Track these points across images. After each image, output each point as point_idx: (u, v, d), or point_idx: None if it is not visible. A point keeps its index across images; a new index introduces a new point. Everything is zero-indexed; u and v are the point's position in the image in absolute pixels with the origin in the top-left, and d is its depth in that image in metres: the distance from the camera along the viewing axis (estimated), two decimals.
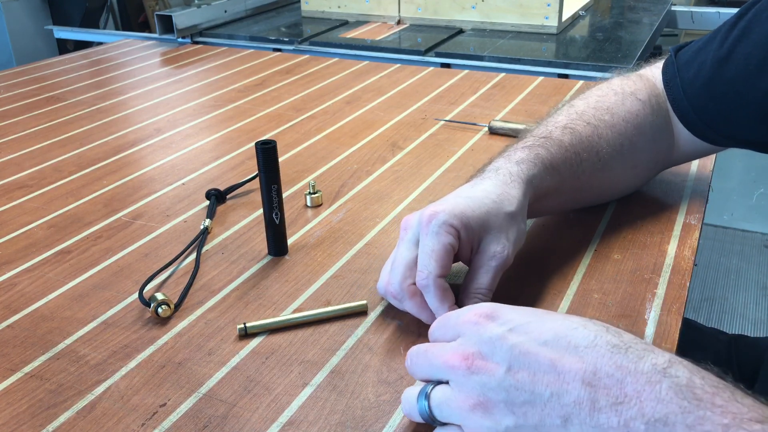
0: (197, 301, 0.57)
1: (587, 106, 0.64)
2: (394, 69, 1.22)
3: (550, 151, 0.59)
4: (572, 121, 0.62)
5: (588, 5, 1.69)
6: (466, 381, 0.38)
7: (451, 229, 0.50)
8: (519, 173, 0.55)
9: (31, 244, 0.67)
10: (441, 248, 0.50)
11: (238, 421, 0.45)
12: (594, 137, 0.62)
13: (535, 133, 0.61)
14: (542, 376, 0.36)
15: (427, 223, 0.50)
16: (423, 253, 0.50)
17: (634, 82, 0.67)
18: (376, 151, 0.86)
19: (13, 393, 0.48)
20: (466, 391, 0.38)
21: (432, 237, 0.50)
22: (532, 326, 0.38)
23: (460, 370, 0.38)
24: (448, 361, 0.39)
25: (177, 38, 1.48)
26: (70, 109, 1.05)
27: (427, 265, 0.49)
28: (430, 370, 0.41)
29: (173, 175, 0.81)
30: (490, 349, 0.38)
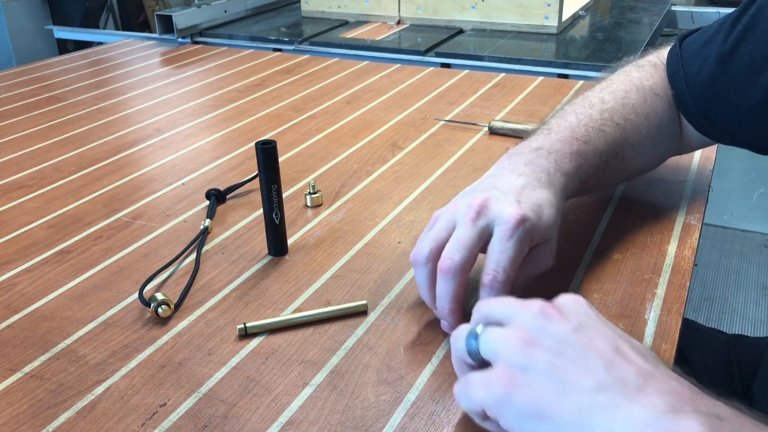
0: (197, 301, 0.57)
1: (616, 103, 0.63)
2: (394, 69, 1.22)
3: (588, 162, 0.58)
4: (605, 121, 0.61)
5: (588, 5, 1.69)
6: (532, 320, 0.38)
7: (531, 241, 0.50)
8: (564, 186, 0.56)
9: (31, 244, 0.67)
10: (520, 256, 0.49)
11: (238, 421, 0.45)
12: (621, 139, 0.62)
13: (577, 134, 0.59)
14: (601, 351, 0.36)
15: (515, 228, 0.48)
16: (503, 255, 0.48)
17: (651, 74, 0.67)
18: (376, 151, 0.86)
19: (13, 393, 0.48)
20: (526, 327, 0.38)
21: (515, 243, 0.48)
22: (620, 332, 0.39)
23: (535, 309, 0.38)
24: (528, 304, 0.39)
25: (177, 38, 1.48)
26: (70, 109, 1.05)
27: (507, 270, 0.48)
28: (500, 308, 0.41)
29: (173, 175, 0.81)
30: (570, 310, 0.39)
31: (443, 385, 0.47)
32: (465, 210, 0.50)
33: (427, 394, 0.46)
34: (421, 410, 0.45)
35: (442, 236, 0.51)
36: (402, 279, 0.59)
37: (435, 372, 0.48)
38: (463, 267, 0.49)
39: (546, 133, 0.59)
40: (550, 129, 0.60)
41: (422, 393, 0.46)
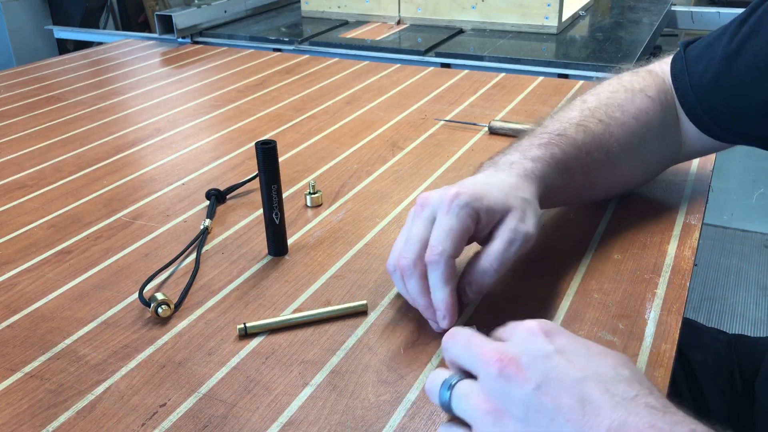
0: (197, 301, 0.57)
1: (599, 102, 0.64)
2: (394, 69, 1.22)
3: (564, 151, 0.59)
4: (585, 118, 0.62)
5: (588, 5, 1.69)
6: (492, 383, 0.37)
7: (472, 212, 0.50)
8: (534, 170, 0.56)
9: (31, 244, 0.67)
10: (459, 228, 0.49)
11: (238, 421, 0.45)
12: (605, 135, 0.62)
13: (550, 129, 0.61)
14: (567, 410, 0.34)
15: (449, 203, 0.50)
16: (440, 230, 0.49)
17: (644, 78, 0.67)
18: (376, 151, 0.86)
19: (13, 393, 0.48)
20: (488, 393, 0.37)
21: (452, 216, 0.50)
22: (580, 358, 0.37)
23: (492, 369, 0.37)
24: (484, 355, 0.38)
25: (177, 38, 1.48)
26: (70, 109, 1.05)
27: (443, 242, 0.49)
28: (463, 355, 0.40)
29: (173, 175, 0.81)
30: (528, 361, 0.36)
31: None
32: (412, 210, 0.53)
33: None
34: (421, 410, 0.45)
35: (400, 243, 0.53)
36: None
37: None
38: (417, 260, 0.50)
39: (525, 136, 0.62)
40: (530, 131, 0.62)
41: (422, 393, 0.46)
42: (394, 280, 0.53)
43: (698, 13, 1.68)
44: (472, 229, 0.50)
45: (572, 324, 0.53)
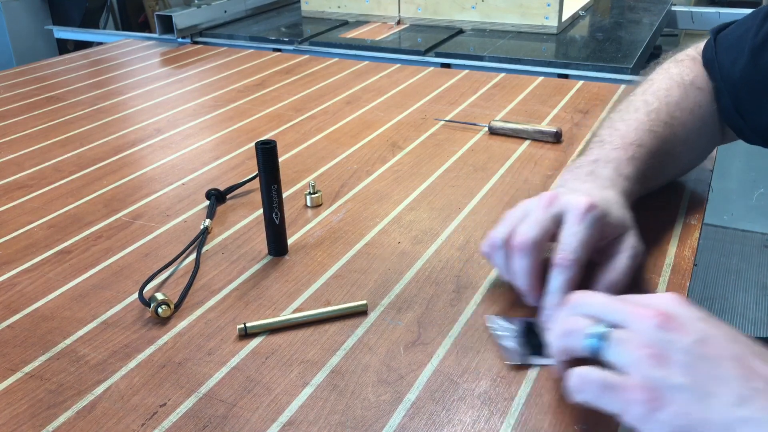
0: (197, 301, 0.57)
1: (660, 103, 0.64)
2: (394, 69, 1.22)
3: (645, 163, 0.60)
4: (653, 122, 0.62)
5: (588, 5, 1.69)
6: (652, 332, 0.38)
7: (601, 226, 0.51)
8: (629, 189, 0.58)
9: (31, 244, 0.67)
10: (590, 242, 0.51)
11: (238, 421, 0.45)
12: (671, 137, 0.63)
13: (630, 138, 0.61)
14: (729, 361, 0.36)
15: (584, 213, 0.51)
16: (574, 237, 0.50)
17: (690, 68, 0.67)
18: (376, 151, 0.86)
19: (13, 393, 0.48)
20: (649, 340, 0.38)
21: (587, 228, 0.50)
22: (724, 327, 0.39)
23: (651, 321, 0.38)
24: (639, 310, 0.39)
25: (177, 38, 1.48)
26: (70, 109, 1.05)
27: (576, 250, 0.50)
28: (608, 310, 0.41)
29: (173, 175, 0.81)
30: (685, 319, 0.38)
31: (443, 385, 0.47)
32: (536, 201, 0.53)
33: (427, 394, 0.46)
34: (421, 410, 0.45)
35: (516, 223, 0.53)
36: (402, 279, 0.59)
37: (435, 372, 0.48)
38: (536, 243, 0.51)
39: (599, 145, 0.61)
40: (602, 140, 0.62)
41: (422, 393, 0.46)
42: (496, 256, 0.54)
43: (698, 13, 1.68)
44: (598, 241, 0.52)
45: None
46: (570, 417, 0.44)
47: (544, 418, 0.44)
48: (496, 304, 0.55)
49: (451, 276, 0.59)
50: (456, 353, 0.50)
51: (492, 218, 0.69)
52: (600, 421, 0.44)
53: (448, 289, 0.58)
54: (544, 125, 0.89)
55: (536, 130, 0.87)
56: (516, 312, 0.54)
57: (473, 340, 0.51)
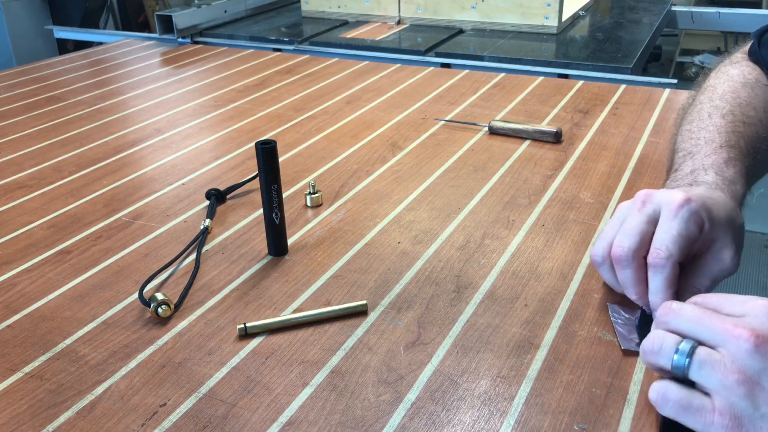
0: (197, 301, 0.57)
1: (731, 105, 0.63)
2: (394, 69, 1.22)
3: (744, 165, 0.58)
4: (733, 124, 0.61)
5: (588, 5, 1.69)
6: (745, 355, 0.36)
7: (700, 220, 0.49)
8: (737, 192, 0.55)
9: (31, 244, 0.67)
10: (687, 235, 0.48)
11: (238, 421, 0.45)
12: (754, 136, 0.61)
13: (718, 141, 0.59)
14: None
15: (679, 207, 0.49)
16: (667, 233, 0.48)
17: (751, 67, 0.66)
18: (376, 151, 0.86)
19: (13, 393, 0.48)
20: (741, 364, 0.36)
21: (681, 221, 0.48)
22: None
23: (745, 342, 0.37)
24: (733, 331, 0.37)
25: (177, 38, 1.48)
26: (70, 109, 1.05)
27: (670, 247, 0.48)
28: (700, 327, 0.39)
29: (173, 175, 0.81)
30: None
31: (443, 385, 0.47)
32: (631, 203, 0.52)
33: (427, 394, 0.46)
34: (421, 410, 0.45)
35: (613, 235, 0.51)
36: (402, 279, 0.59)
37: (435, 372, 0.48)
38: (635, 251, 0.49)
39: (690, 157, 0.59)
40: (690, 152, 0.59)
41: (422, 393, 0.46)
42: (602, 270, 0.53)
43: (698, 13, 1.68)
44: (698, 238, 0.49)
45: (572, 324, 0.53)
46: (570, 417, 0.44)
47: (544, 418, 0.44)
48: (497, 304, 0.55)
49: (451, 276, 0.59)
50: (456, 353, 0.50)
51: (492, 218, 0.69)
52: (600, 421, 0.44)
53: (448, 289, 0.58)
54: (544, 125, 0.89)
55: (536, 130, 0.87)
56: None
57: (473, 340, 0.51)
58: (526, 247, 0.64)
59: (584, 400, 0.45)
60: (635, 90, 1.05)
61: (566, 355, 0.49)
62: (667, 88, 1.06)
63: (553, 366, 0.48)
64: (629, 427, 0.43)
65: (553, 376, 0.48)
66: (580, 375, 0.48)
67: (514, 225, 0.67)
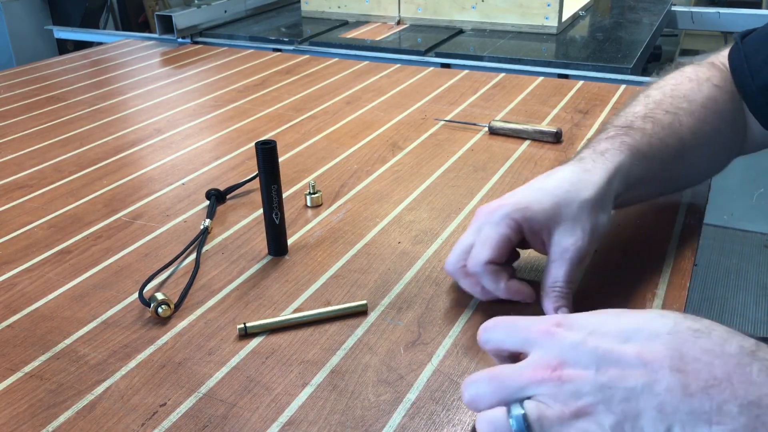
0: (197, 301, 0.57)
1: (663, 95, 0.63)
2: (394, 69, 1.22)
3: (635, 138, 0.58)
4: (651, 110, 0.61)
5: (588, 5, 1.69)
6: (558, 392, 0.36)
7: (511, 222, 0.52)
8: (604, 161, 0.55)
9: (31, 244, 0.67)
10: (496, 237, 0.52)
11: (238, 421, 0.45)
12: (675, 124, 0.60)
13: (616, 124, 0.60)
14: (631, 371, 0.35)
15: (491, 213, 0.53)
16: (478, 241, 0.53)
17: (708, 68, 0.66)
18: (376, 151, 0.86)
19: (13, 393, 0.48)
20: (562, 401, 0.36)
21: (492, 227, 0.53)
22: (608, 325, 0.38)
23: (550, 382, 0.37)
24: (534, 377, 0.37)
25: (177, 38, 1.48)
26: (70, 109, 1.05)
27: (479, 253, 0.53)
28: (506, 393, 0.38)
29: (173, 175, 0.81)
30: (573, 356, 0.37)
31: (443, 385, 0.47)
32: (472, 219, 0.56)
33: (427, 394, 0.46)
34: (421, 410, 0.45)
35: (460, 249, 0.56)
36: (402, 279, 0.59)
37: (435, 372, 0.48)
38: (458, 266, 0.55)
39: (598, 135, 0.60)
40: (602, 130, 0.61)
41: (422, 393, 0.46)
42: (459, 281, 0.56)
43: (698, 13, 1.68)
44: (514, 238, 0.53)
45: None
46: None
47: None
48: (498, 304, 0.55)
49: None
50: (456, 353, 0.50)
51: None
52: None
53: (448, 289, 0.58)
54: (544, 125, 0.89)
55: (536, 130, 0.87)
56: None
57: (473, 340, 0.51)
58: None
59: None
60: (635, 90, 1.05)
61: None
62: None
63: None
64: None
65: None
66: None
67: None
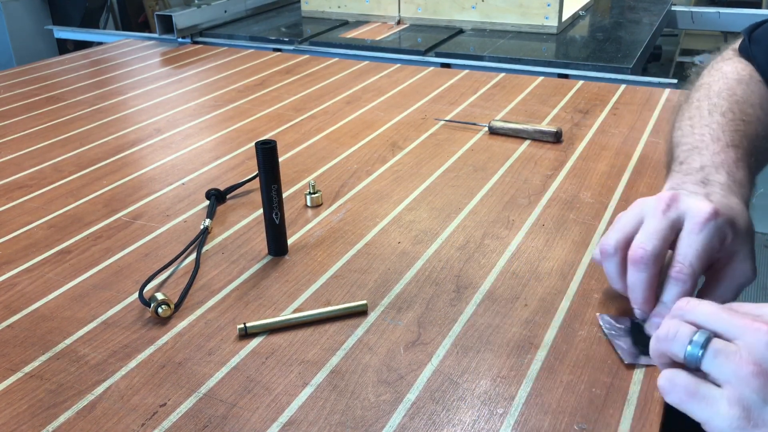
0: (197, 301, 0.57)
1: (729, 102, 0.62)
2: (394, 69, 1.22)
3: (749, 164, 0.57)
4: (735, 123, 0.60)
5: (588, 5, 1.69)
6: (764, 348, 0.36)
7: (723, 235, 0.48)
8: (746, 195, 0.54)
9: (31, 244, 0.67)
10: (710, 249, 0.48)
11: (238, 421, 0.45)
12: (753, 134, 0.60)
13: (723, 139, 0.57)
14: None
15: (705, 221, 0.48)
16: (691, 248, 0.48)
17: (745, 64, 0.65)
18: (376, 151, 0.86)
19: (13, 393, 0.48)
20: (758, 356, 0.36)
21: (706, 237, 0.48)
22: None
23: (764, 335, 0.37)
24: (750, 324, 0.37)
25: (177, 38, 1.48)
26: (70, 109, 1.05)
27: (694, 263, 0.47)
28: (718, 320, 0.39)
29: (173, 175, 0.81)
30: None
31: (443, 385, 0.47)
32: (655, 203, 0.50)
33: (427, 394, 0.46)
34: (421, 410, 0.45)
35: (629, 229, 0.50)
36: (402, 279, 0.59)
37: (435, 372, 0.48)
38: (656, 256, 0.48)
39: (696, 152, 0.57)
40: (695, 146, 0.58)
41: (422, 393, 0.46)
42: (609, 263, 0.52)
43: (698, 13, 1.68)
44: (719, 250, 0.49)
45: (572, 324, 0.53)
46: (570, 417, 0.44)
47: (544, 418, 0.44)
48: (497, 304, 0.55)
49: (451, 276, 0.59)
50: (456, 353, 0.50)
51: (492, 218, 0.69)
52: (600, 421, 0.44)
53: (448, 289, 0.58)
54: (544, 125, 0.89)
55: (536, 130, 0.87)
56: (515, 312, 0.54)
57: (473, 340, 0.51)
58: (526, 247, 0.64)
59: (584, 400, 0.45)
60: (635, 90, 1.05)
61: (566, 355, 0.50)
62: (667, 88, 1.06)
63: (553, 366, 0.48)
64: (629, 427, 0.43)
65: (553, 376, 0.48)
66: (580, 375, 0.48)
67: (514, 225, 0.67)
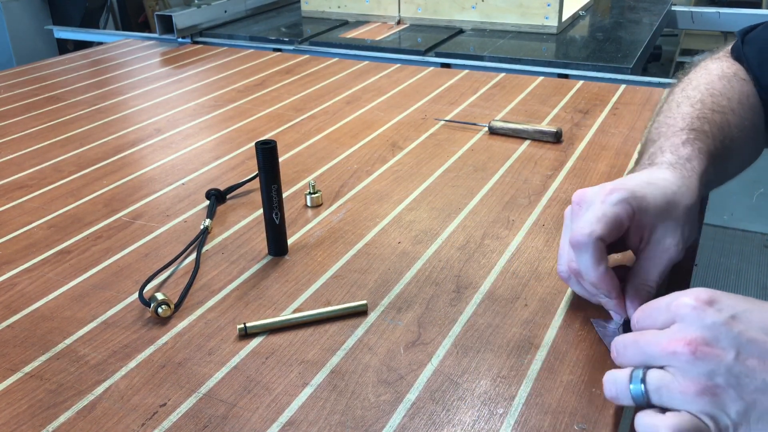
0: (197, 301, 0.57)
1: (702, 95, 0.62)
2: (394, 69, 1.22)
3: (706, 144, 0.56)
4: (701, 111, 0.60)
5: (588, 5, 1.69)
6: (690, 367, 0.37)
7: (627, 207, 0.48)
8: (692, 169, 0.53)
9: (31, 244, 0.67)
10: (612, 216, 0.48)
11: (238, 421, 0.45)
12: (725, 124, 0.60)
13: (680, 125, 0.58)
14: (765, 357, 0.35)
15: (606, 194, 0.49)
16: (591, 214, 0.48)
17: (732, 63, 0.66)
18: (376, 151, 0.86)
19: (13, 393, 0.48)
20: (691, 376, 0.36)
21: (608, 206, 0.48)
22: (754, 314, 0.37)
23: (684, 355, 0.37)
24: (667, 348, 0.38)
25: (177, 38, 1.48)
26: (70, 109, 1.05)
27: (591, 224, 0.47)
28: (643, 357, 0.39)
29: (173, 175, 0.81)
30: (713, 335, 0.37)
31: (443, 385, 0.47)
32: (569, 209, 0.53)
33: (427, 394, 0.46)
34: (421, 410, 0.45)
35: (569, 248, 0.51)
36: (402, 279, 0.59)
37: (435, 372, 0.48)
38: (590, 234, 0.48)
39: (652, 144, 0.58)
40: (653, 140, 0.59)
41: (422, 393, 0.46)
42: (570, 284, 0.53)
43: (698, 13, 1.68)
44: (625, 224, 0.48)
45: (572, 324, 0.53)
46: (570, 417, 0.44)
47: (544, 418, 0.44)
48: (497, 304, 0.55)
49: (451, 276, 0.59)
50: (456, 353, 0.50)
51: (492, 218, 0.69)
52: (600, 421, 0.44)
53: (448, 289, 0.58)
54: (544, 125, 0.89)
55: (536, 130, 0.87)
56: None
57: (473, 340, 0.51)
58: (526, 247, 0.64)
59: (584, 400, 0.45)
60: (635, 90, 1.05)
61: (566, 355, 0.50)
62: (667, 88, 1.06)
63: (553, 366, 0.48)
64: (629, 427, 0.43)
65: (553, 376, 0.48)
66: (580, 375, 0.48)
67: (514, 225, 0.67)
